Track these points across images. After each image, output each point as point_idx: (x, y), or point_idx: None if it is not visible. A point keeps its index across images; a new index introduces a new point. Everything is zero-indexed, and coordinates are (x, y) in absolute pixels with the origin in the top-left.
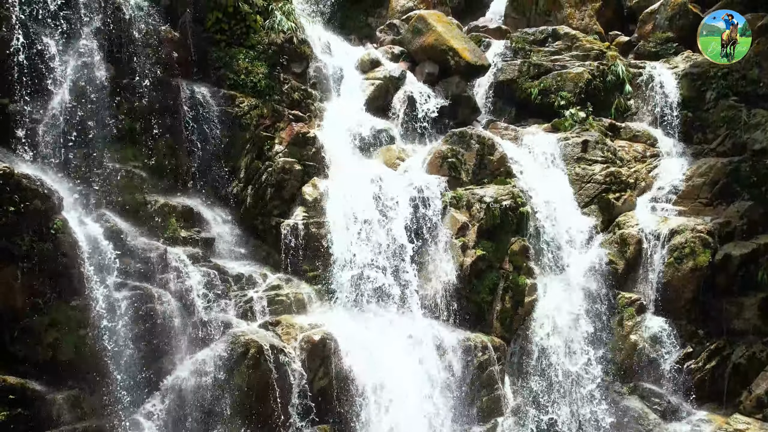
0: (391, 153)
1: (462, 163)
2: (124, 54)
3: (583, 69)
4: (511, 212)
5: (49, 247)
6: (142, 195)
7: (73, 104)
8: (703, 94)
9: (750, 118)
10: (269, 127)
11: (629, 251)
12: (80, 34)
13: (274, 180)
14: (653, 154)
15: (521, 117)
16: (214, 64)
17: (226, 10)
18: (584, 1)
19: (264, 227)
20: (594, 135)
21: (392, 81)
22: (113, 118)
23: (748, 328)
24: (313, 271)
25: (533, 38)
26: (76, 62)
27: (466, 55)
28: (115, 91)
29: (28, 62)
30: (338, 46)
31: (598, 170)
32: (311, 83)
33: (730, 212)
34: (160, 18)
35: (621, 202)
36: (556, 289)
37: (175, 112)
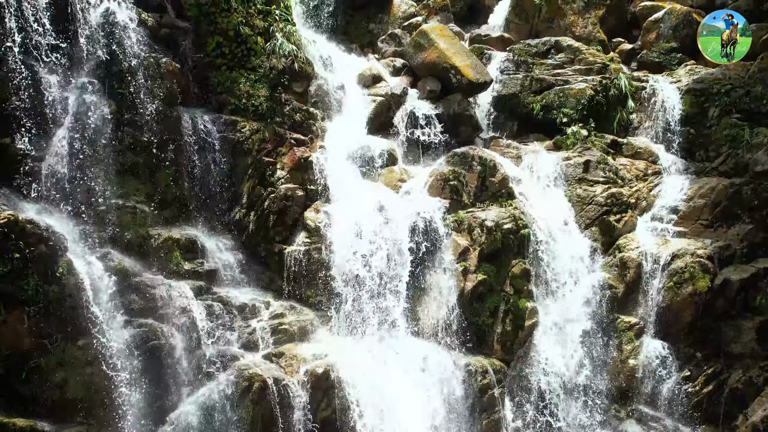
0: (392, 175)
1: (463, 185)
2: (125, 89)
3: (585, 85)
4: (512, 235)
5: (54, 289)
6: (145, 229)
7: (75, 141)
8: (705, 111)
9: (752, 138)
10: (271, 151)
11: (629, 275)
12: (81, 69)
13: (276, 207)
14: (655, 171)
15: (523, 131)
16: (215, 89)
17: (226, 34)
18: (588, 9)
19: (267, 253)
20: (596, 154)
21: (394, 98)
22: (115, 153)
23: (745, 351)
24: (316, 297)
25: (535, 50)
26: (78, 98)
27: (468, 73)
28: (117, 126)
29: (29, 100)
30: (339, 58)
31: (600, 191)
32: (312, 102)
33: (731, 235)
34: (160, 48)
35: (622, 224)
36: (556, 312)
37: (177, 142)
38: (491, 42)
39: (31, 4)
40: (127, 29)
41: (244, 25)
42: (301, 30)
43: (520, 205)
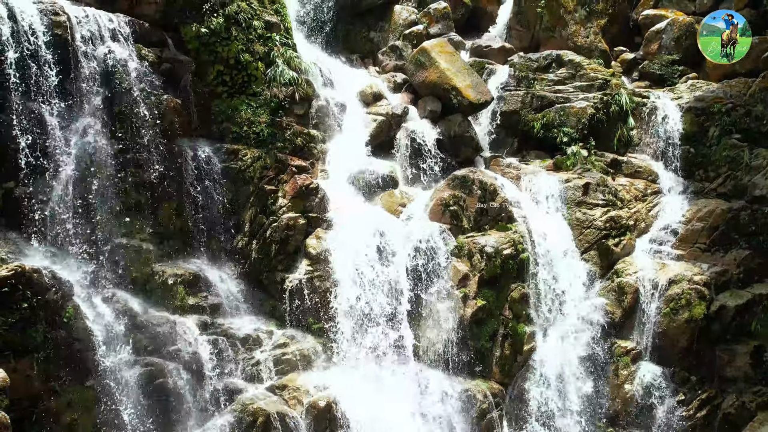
0: (393, 199)
1: (463, 210)
2: (127, 129)
3: (586, 104)
4: (511, 260)
5: (62, 334)
6: (149, 267)
7: (78, 183)
8: (706, 130)
9: (752, 159)
10: (273, 179)
11: (627, 300)
12: (83, 110)
13: (278, 237)
14: (654, 191)
15: (524, 147)
16: (216, 117)
17: (227, 62)
18: (590, 18)
19: (269, 282)
20: (595, 176)
21: (395, 118)
22: (119, 192)
23: (739, 375)
24: (318, 324)
25: (536, 65)
26: (80, 140)
27: (468, 95)
28: (120, 166)
29: (31, 142)
30: (340, 73)
31: (599, 215)
32: (314, 123)
33: (728, 260)
34: (161, 83)
35: (620, 248)
36: (554, 336)
37: (180, 176)
38: (492, 53)
39: (31, 46)
40: (127, 68)
41: (245, 51)
42: (301, 42)
43: (520, 229)
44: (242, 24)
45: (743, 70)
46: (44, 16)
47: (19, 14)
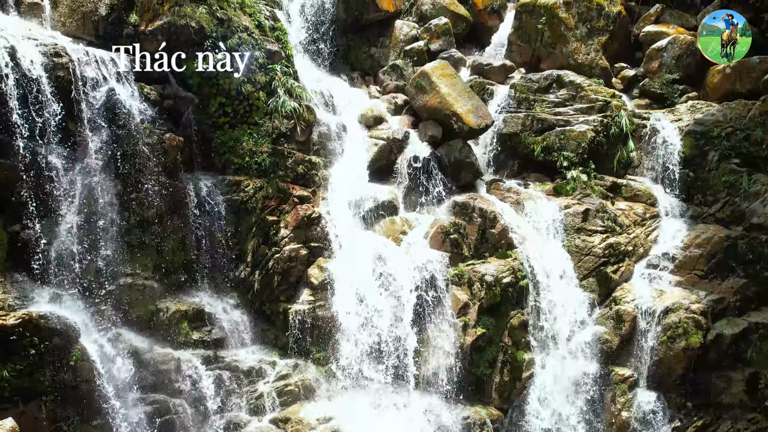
0: (394, 227)
1: (464, 237)
2: (130, 168)
3: (586, 127)
4: (511, 288)
5: (69, 377)
6: (154, 304)
7: (82, 223)
8: (705, 154)
9: (750, 185)
10: (275, 209)
11: (624, 328)
12: (87, 151)
13: (280, 268)
14: (653, 215)
15: (524, 169)
16: (218, 149)
17: (228, 93)
18: (590, 35)
19: (272, 312)
20: (595, 202)
21: (395, 142)
22: (123, 231)
23: (734, 402)
24: (320, 352)
25: (537, 86)
26: (84, 181)
27: (469, 120)
28: (124, 205)
29: (36, 185)
30: (341, 93)
31: (598, 242)
32: (315, 149)
33: (725, 288)
34: (163, 120)
35: (618, 275)
36: (553, 363)
37: (183, 211)
38: (493, 71)
39: (34, 88)
40: (130, 108)
41: (246, 82)
42: (302, 60)
43: (520, 255)
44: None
45: (743, 90)
46: (46, 58)
47: (21, 57)
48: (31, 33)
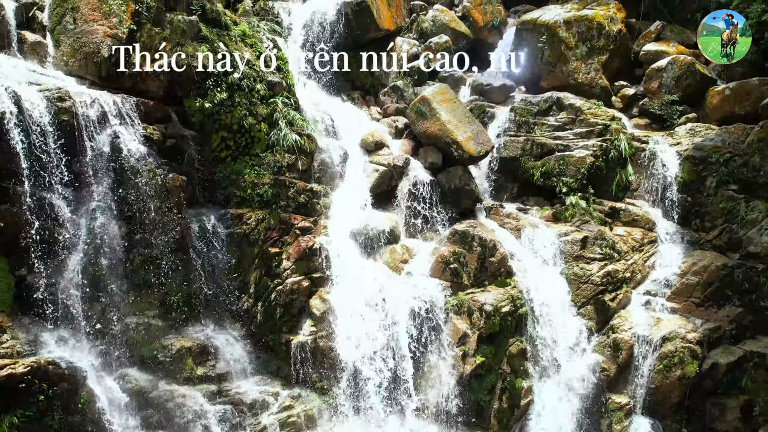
0: (395, 255)
1: (463, 266)
2: (134, 209)
3: (586, 153)
4: (510, 317)
5: (77, 419)
6: (158, 342)
7: (88, 265)
8: (703, 179)
9: (748, 212)
10: (277, 240)
11: (622, 356)
12: (91, 193)
13: (283, 301)
14: (651, 240)
15: (523, 192)
16: (221, 183)
17: (230, 128)
18: (591, 54)
19: (274, 343)
20: (593, 229)
21: (396, 169)
22: (128, 272)
23: (729, 429)
24: (322, 381)
25: (537, 109)
26: (89, 223)
27: (469, 149)
28: (129, 246)
29: (41, 228)
30: (341, 114)
31: (596, 270)
32: (316, 177)
33: (721, 316)
34: (166, 159)
35: (616, 303)
36: (550, 390)
37: (186, 247)
38: (493, 91)
39: (39, 133)
40: (133, 150)
41: (248, 115)
42: (302, 80)
43: (519, 283)
44: (245, 89)
45: (742, 112)
46: (50, 103)
47: (25, 103)
48: (34, 77)
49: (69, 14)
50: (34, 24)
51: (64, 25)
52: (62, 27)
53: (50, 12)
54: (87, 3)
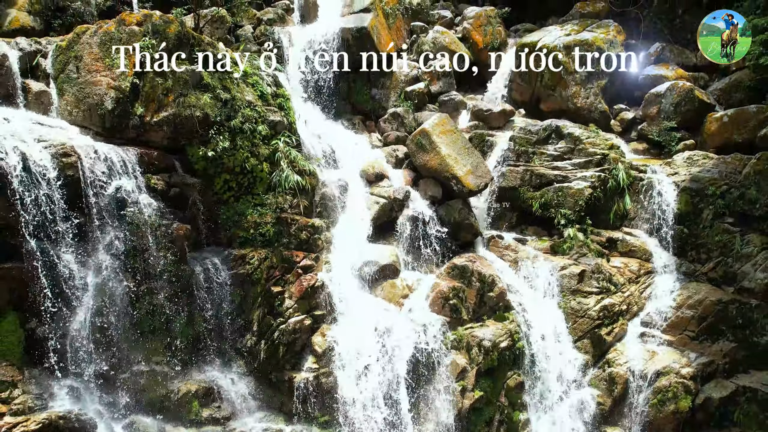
0: (395, 290)
1: (463, 302)
2: (139, 262)
3: (584, 185)
4: (508, 351)
5: None
6: (165, 387)
7: (95, 317)
8: (700, 211)
9: (743, 246)
10: (279, 278)
11: (617, 390)
12: (97, 247)
13: (286, 340)
14: (647, 271)
15: (522, 221)
16: (223, 224)
17: (233, 170)
18: (590, 79)
19: (277, 380)
20: (591, 263)
21: (396, 202)
22: (134, 321)
23: None
24: (325, 416)
25: (536, 138)
26: (96, 277)
27: (468, 183)
28: (135, 298)
29: (49, 283)
30: (342, 142)
31: (593, 304)
32: (318, 212)
33: (714, 350)
34: (170, 209)
35: (612, 337)
36: (547, 423)
37: (190, 290)
38: (493, 117)
39: (45, 189)
40: (137, 203)
41: (250, 156)
42: (303, 105)
43: (517, 317)
44: (247, 132)
45: (740, 139)
46: (55, 159)
47: (30, 159)
48: (40, 131)
49: (72, 63)
50: (37, 72)
51: (67, 73)
52: (65, 76)
53: (53, 60)
54: (90, 53)
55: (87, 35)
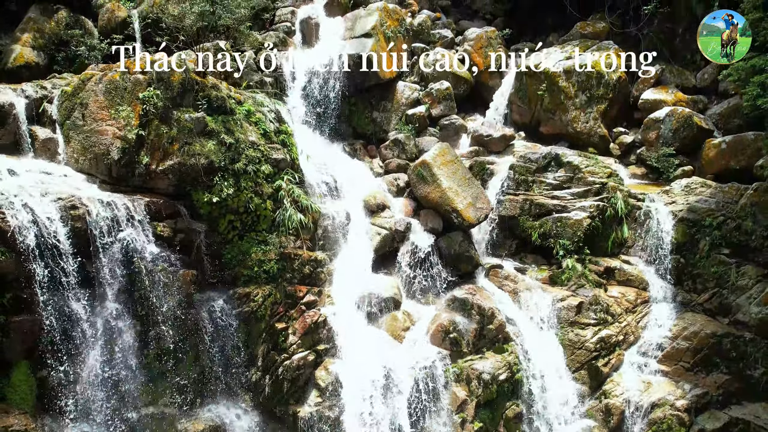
0: (396, 323)
1: (462, 335)
2: (147, 308)
3: (583, 215)
4: (507, 383)
5: None
6: (173, 428)
7: (105, 363)
8: (697, 242)
9: (738, 278)
10: (283, 315)
11: (613, 421)
12: (106, 295)
13: (290, 376)
14: (644, 300)
15: (522, 248)
16: (228, 264)
17: (237, 211)
18: (590, 104)
19: (282, 414)
20: (588, 294)
21: (398, 233)
22: (143, 366)
23: None
24: None
25: (536, 166)
26: (105, 323)
27: (468, 217)
28: (143, 343)
29: (60, 332)
30: (343, 170)
31: (590, 336)
32: (320, 244)
33: (709, 382)
34: (176, 254)
35: (609, 367)
36: None
37: (196, 330)
38: (493, 142)
39: (53, 241)
40: (144, 253)
41: (254, 196)
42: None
43: (516, 349)
44: (251, 173)
45: (738, 167)
46: (63, 212)
47: (40, 214)
48: (47, 182)
49: (78, 110)
50: (44, 117)
51: (73, 120)
52: (71, 123)
53: (59, 105)
54: (95, 100)
55: (92, 82)
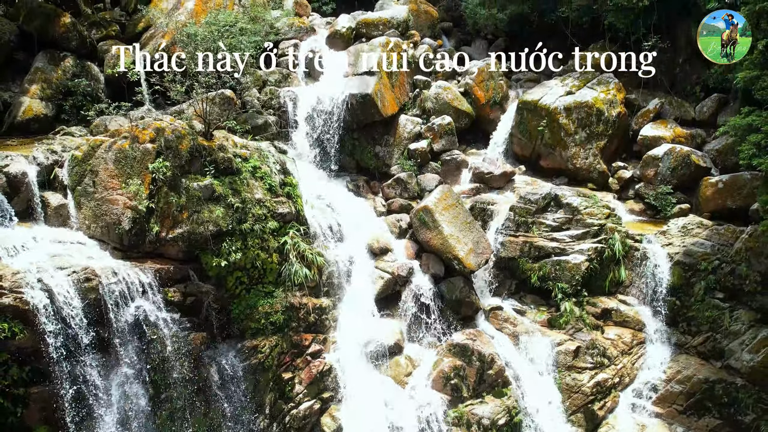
0: (399, 369)
1: (463, 380)
2: (159, 373)
3: (581, 259)
4: (506, 426)
5: None
6: None
7: (120, 425)
8: (692, 285)
9: (731, 323)
10: (289, 364)
11: None
12: (119, 362)
13: (297, 425)
14: (639, 341)
15: (521, 288)
16: (236, 318)
17: (244, 268)
18: (590, 140)
19: None
20: (586, 338)
21: (400, 278)
22: (156, 426)
23: None
24: None
25: (536, 207)
26: (119, 389)
27: (469, 264)
28: (156, 405)
29: (76, 399)
30: (346, 210)
31: (587, 380)
32: (325, 291)
33: (701, 425)
34: (186, 318)
35: (605, 411)
36: None
37: (206, 386)
38: (494, 179)
39: (69, 312)
40: (156, 320)
41: (261, 252)
42: (308, 167)
43: (514, 392)
44: (257, 231)
45: (734, 206)
46: (77, 285)
47: (56, 290)
48: (61, 257)
49: (89, 176)
50: (55, 183)
51: (84, 187)
52: (82, 189)
53: (69, 171)
54: (105, 168)
55: (102, 149)
